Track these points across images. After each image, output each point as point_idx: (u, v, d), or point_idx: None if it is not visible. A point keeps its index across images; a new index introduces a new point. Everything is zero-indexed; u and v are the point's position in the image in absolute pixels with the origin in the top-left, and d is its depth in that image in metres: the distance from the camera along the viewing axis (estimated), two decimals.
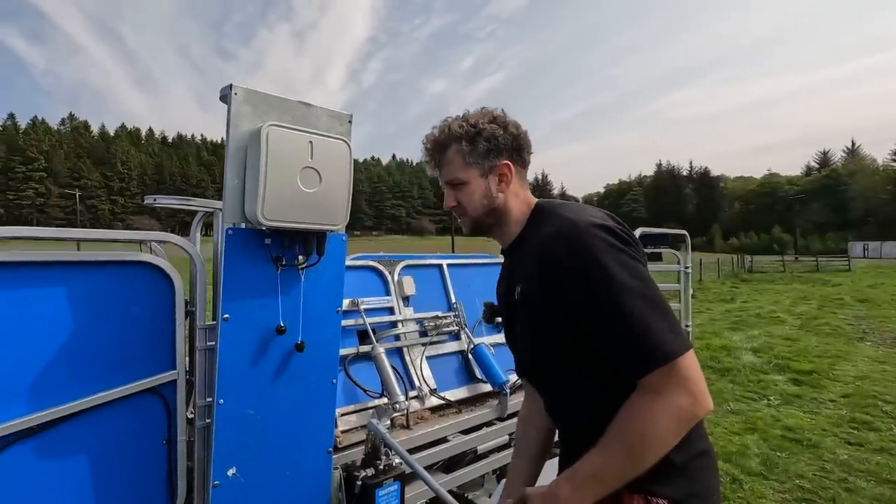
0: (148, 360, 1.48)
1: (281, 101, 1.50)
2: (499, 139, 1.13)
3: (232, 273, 1.44)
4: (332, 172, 1.49)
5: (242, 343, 1.46)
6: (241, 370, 1.46)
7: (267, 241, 1.48)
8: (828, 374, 5.82)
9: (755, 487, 3.29)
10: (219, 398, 1.42)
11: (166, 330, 1.51)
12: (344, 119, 1.66)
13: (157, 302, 1.50)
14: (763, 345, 7.54)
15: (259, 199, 1.35)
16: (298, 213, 1.43)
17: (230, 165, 1.43)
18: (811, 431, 4.17)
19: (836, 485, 3.30)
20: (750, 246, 70.97)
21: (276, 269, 1.49)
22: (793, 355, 6.76)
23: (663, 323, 0.91)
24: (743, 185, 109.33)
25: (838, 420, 4.44)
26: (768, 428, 4.28)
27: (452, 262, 2.68)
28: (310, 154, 1.44)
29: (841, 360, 6.47)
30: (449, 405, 2.25)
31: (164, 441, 1.51)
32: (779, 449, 3.87)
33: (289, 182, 1.40)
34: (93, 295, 1.40)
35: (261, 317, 1.49)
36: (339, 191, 1.52)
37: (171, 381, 1.51)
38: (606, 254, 0.95)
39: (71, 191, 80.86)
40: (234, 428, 1.46)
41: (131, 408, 1.45)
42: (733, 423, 4.42)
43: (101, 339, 1.41)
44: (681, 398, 0.89)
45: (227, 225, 1.44)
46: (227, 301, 1.42)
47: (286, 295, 1.53)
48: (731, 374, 5.95)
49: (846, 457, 3.68)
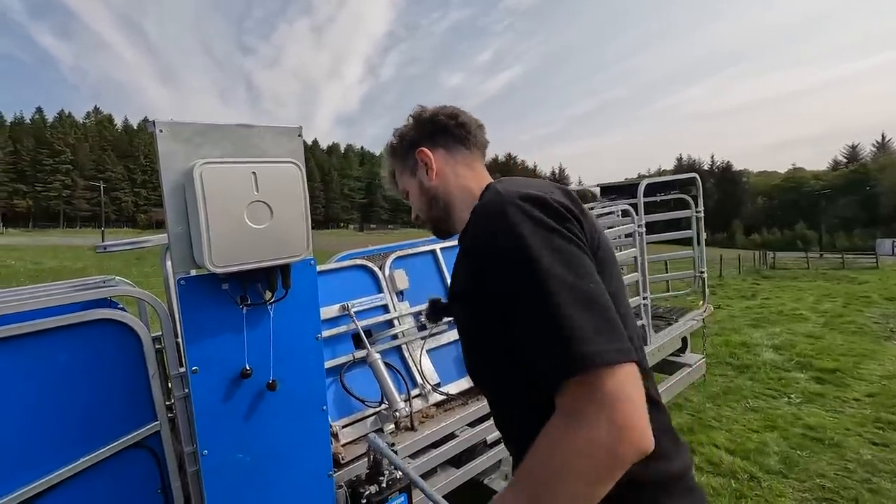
0: (127, 416, 1.46)
1: (215, 129, 1.37)
2: (409, 133, 1.11)
3: (192, 324, 1.37)
4: (284, 201, 1.36)
5: (216, 391, 1.41)
6: (220, 417, 1.42)
7: (224, 286, 1.40)
8: (852, 373, 5.64)
9: (774, 486, 3.21)
10: (202, 449, 1.39)
11: (140, 383, 1.48)
12: (293, 134, 1.52)
13: (125, 357, 1.45)
14: (785, 342, 7.35)
15: (204, 246, 1.24)
16: (252, 252, 1.32)
17: (170, 211, 1.32)
18: (834, 430, 4.05)
19: (858, 485, 3.19)
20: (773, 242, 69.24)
21: (241, 310, 1.43)
22: (815, 353, 6.57)
23: (592, 322, 0.68)
24: (766, 181, 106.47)
25: (862, 420, 4.30)
26: (788, 426, 4.17)
27: (447, 246, 2.56)
28: (254, 187, 1.30)
29: (866, 359, 6.27)
30: (454, 399, 2.22)
31: (158, 490, 1.52)
32: (799, 447, 3.77)
33: (235, 222, 1.28)
34: (55, 363, 1.36)
35: (232, 361, 1.43)
36: (294, 219, 1.39)
37: (154, 433, 1.50)
38: (531, 233, 0.75)
39: (95, 183, 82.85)
40: (223, 474, 1.44)
41: (120, 465, 1.45)
42: (752, 421, 4.32)
43: (71, 405, 1.37)
44: (598, 427, 0.63)
45: (178, 275, 1.36)
46: (193, 353, 1.36)
47: (256, 334, 1.47)
48: (751, 372, 5.82)
49: (870, 457, 3.57)
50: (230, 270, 1.30)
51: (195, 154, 1.32)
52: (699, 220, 3.61)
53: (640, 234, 3.19)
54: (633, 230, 3.17)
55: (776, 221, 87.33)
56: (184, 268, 1.36)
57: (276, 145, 1.48)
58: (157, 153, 1.29)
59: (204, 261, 1.26)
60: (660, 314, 3.96)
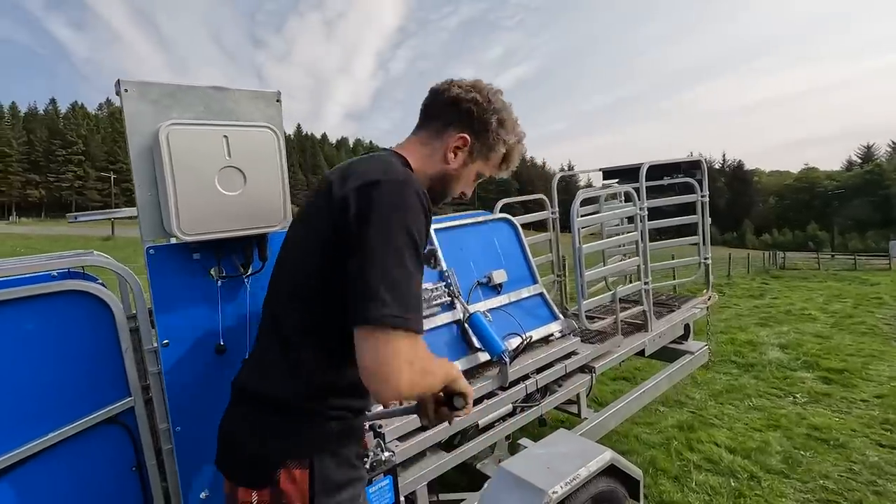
0: (99, 391, 1.41)
1: (186, 91, 1.31)
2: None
3: (163, 295, 1.32)
4: (259, 168, 1.30)
5: (189, 365, 1.37)
6: (193, 393, 1.38)
7: (195, 255, 1.35)
8: (860, 374, 5.49)
9: (775, 486, 3.12)
10: (175, 426, 1.36)
11: (113, 357, 1.43)
12: (270, 99, 1.45)
13: (97, 330, 1.40)
14: (792, 341, 7.20)
15: (172, 212, 1.19)
16: (223, 221, 1.27)
17: (137, 177, 1.26)
18: (839, 431, 3.93)
19: (863, 487, 3.09)
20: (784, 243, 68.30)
21: (216, 282, 1.37)
22: (823, 353, 6.42)
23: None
24: (778, 180, 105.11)
25: (870, 421, 4.18)
26: (792, 426, 4.06)
27: (441, 226, 2.47)
28: (226, 151, 1.25)
29: (876, 360, 6.11)
30: None
31: (133, 468, 1.47)
32: (803, 448, 3.66)
33: (205, 188, 1.22)
34: (21, 333, 1.30)
35: (206, 335, 1.38)
36: (270, 187, 1.33)
37: (129, 409, 1.45)
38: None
39: (106, 174, 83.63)
40: (198, 452, 1.39)
41: (93, 440, 1.40)
42: (754, 420, 4.22)
43: (39, 377, 1.33)
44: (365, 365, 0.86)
45: (147, 244, 1.31)
46: (164, 325, 1.32)
47: (232, 308, 1.41)
48: (756, 370, 5.69)
49: (876, 458, 3.45)
50: (200, 239, 1.24)
51: (164, 116, 1.26)
52: (704, 206, 3.51)
53: (643, 217, 3.11)
54: (634, 213, 3.08)
55: (788, 222, 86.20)
56: (153, 236, 1.30)
57: (253, 109, 1.41)
58: (122, 116, 1.23)
59: (172, 228, 1.20)
60: (663, 301, 3.88)
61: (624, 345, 3.04)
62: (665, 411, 4.44)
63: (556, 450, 1.86)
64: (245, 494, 0.97)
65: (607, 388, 5.03)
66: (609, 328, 3.01)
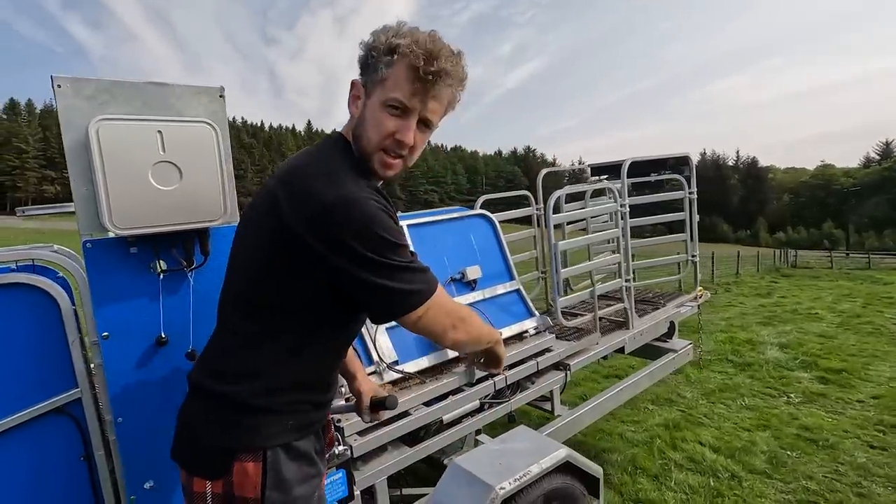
0: (45, 382, 1.43)
1: (123, 86, 1.32)
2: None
3: (100, 288, 1.34)
4: (196, 163, 1.31)
5: (130, 357, 1.39)
6: (134, 385, 1.40)
7: (132, 249, 1.37)
8: (859, 374, 5.39)
9: (755, 486, 3.07)
10: (116, 417, 1.37)
11: (59, 349, 1.45)
12: (213, 94, 1.45)
13: (42, 323, 1.42)
14: (793, 341, 7.08)
15: (104, 207, 1.21)
16: (158, 215, 1.28)
17: (73, 172, 1.29)
18: (830, 432, 3.86)
19: (847, 489, 3.04)
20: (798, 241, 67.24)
21: (157, 276, 1.39)
22: (824, 353, 6.31)
23: None
24: (794, 177, 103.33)
25: (863, 421, 4.10)
26: (783, 426, 4.00)
27: (414, 222, 2.47)
28: (160, 146, 1.26)
29: (878, 360, 5.99)
30: (411, 377, 2.17)
31: (81, 457, 1.50)
32: (790, 448, 3.61)
33: (138, 182, 1.24)
34: None
35: (148, 328, 1.40)
36: (208, 182, 1.34)
37: (75, 399, 1.47)
38: None
39: None
40: (141, 443, 1.41)
41: (40, 431, 1.43)
42: (745, 419, 4.16)
43: None
44: None
45: (84, 238, 1.33)
46: (103, 318, 1.34)
47: (174, 302, 1.43)
48: (752, 369, 5.61)
49: (864, 460, 3.39)
50: (134, 233, 1.26)
51: (100, 112, 1.27)
52: (692, 203, 3.47)
53: (623, 214, 3.07)
54: (615, 209, 3.05)
55: (802, 220, 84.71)
56: (90, 230, 1.32)
57: (196, 105, 1.41)
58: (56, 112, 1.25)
59: (105, 222, 1.22)
60: (648, 298, 3.83)
61: (602, 342, 3.00)
62: (653, 409, 4.40)
63: (511, 446, 1.85)
64: (200, 485, 0.98)
65: (598, 385, 4.99)
66: (588, 325, 2.99)
